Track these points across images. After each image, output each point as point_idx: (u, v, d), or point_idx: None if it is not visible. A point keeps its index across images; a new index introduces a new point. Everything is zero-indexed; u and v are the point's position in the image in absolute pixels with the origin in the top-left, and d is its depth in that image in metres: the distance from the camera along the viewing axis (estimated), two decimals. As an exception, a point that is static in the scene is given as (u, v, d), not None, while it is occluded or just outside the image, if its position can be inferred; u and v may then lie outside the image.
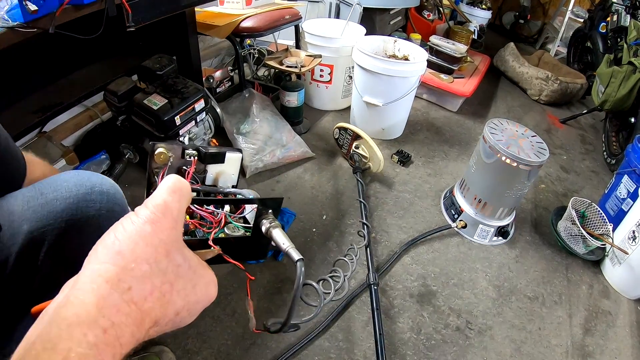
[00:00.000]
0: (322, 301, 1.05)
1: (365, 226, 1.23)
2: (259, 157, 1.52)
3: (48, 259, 0.48)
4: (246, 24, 1.60)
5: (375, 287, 1.07)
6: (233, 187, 0.37)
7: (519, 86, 2.67)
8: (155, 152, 0.31)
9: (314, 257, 1.23)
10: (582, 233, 1.32)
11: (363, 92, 1.75)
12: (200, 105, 1.32)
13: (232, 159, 0.35)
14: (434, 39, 2.25)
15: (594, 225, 1.41)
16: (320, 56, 1.75)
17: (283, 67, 1.65)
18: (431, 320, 1.10)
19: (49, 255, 0.48)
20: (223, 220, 0.35)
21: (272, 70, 2.03)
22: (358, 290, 1.13)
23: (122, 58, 1.49)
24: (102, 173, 1.17)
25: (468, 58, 2.36)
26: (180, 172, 0.36)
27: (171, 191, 0.29)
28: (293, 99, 1.74)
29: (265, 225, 0.35)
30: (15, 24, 0.82)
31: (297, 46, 1.92)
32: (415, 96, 1.91)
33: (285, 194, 1.46)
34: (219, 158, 0.35)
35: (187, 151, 0.33)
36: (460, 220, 1.38)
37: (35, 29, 0.84)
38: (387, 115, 1.78)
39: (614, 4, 2.35)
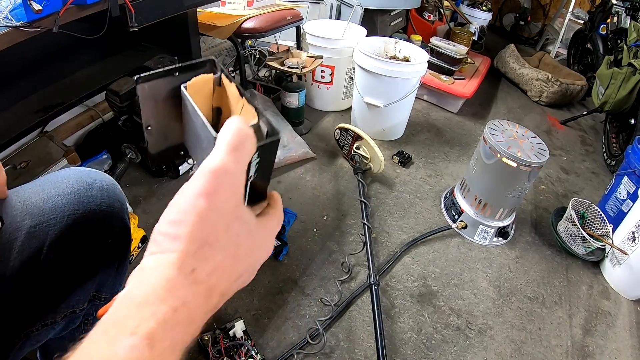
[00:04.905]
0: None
1: (366, 227, 1.24)
2: (260, 157, 1.52)
3: (50, 253, 0.49)
4: (248, 24, 1.60)
5: (376, 287, 1.07)
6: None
7: (519, 87, 2.68)
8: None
9: (315, 257, 1.23)
10: (582, 234, 1.32)
11: (364, 93, 1.76)
12: (201, 105, 1.32)
13: None
14: (435, 41, 2.25)
15: (594, 226, 1.41)
16: (321, 57, 1.75)
17: (284, 68, 1.66)
18: (432, 320, 1.10)
19: (50, 250, 0.49)
20: None
21: (273, 71, 2.03)
22: (359, 290, 1.13)
23: (124, 58, 1.49)
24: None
25: (468, 59, 2.37)
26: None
27: (231, 149, 0.24)
28: (294, 100, 1.74)
29: None
30: (19, 23, 0.82)
31: (298, 47, 1.92)
32: (416, 97, 1.92)
33: (286, 195, 1.46)
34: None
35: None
36: (460, 221, 1.38)
37: (38, 29, 0.84)
38: (388, 116, 1.79)
39: (614, 6, 2.36)
